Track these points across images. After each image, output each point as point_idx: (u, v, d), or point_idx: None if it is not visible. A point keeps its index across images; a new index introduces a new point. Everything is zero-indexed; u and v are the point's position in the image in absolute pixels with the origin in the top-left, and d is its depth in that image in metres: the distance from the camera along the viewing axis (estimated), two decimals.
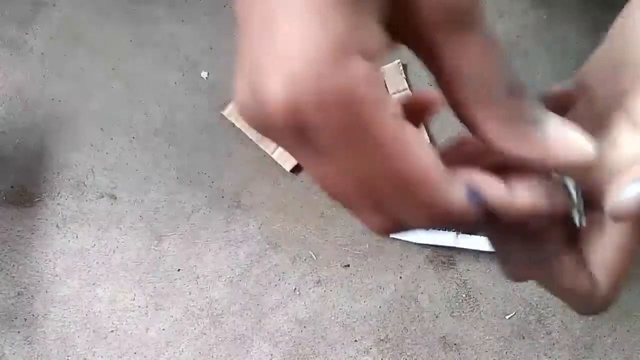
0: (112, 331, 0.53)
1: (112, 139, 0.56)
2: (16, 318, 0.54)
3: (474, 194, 0.18)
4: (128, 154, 0.56)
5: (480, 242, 0.53)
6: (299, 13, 0.14)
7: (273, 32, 0.15)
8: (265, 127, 0.15)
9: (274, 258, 0.54)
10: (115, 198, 0.55)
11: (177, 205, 0.55)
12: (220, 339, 0.53)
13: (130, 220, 0.55)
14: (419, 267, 0.53)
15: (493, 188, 0.18)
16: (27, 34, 0.57)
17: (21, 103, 0.56)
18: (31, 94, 0.57)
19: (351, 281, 0.54)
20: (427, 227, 0.19)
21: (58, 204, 0.55)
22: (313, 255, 0.54)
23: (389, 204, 0.18)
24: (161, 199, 0.55)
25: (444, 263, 0.53)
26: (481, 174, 0.19)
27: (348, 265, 0.54)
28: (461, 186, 0.18)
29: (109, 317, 0.54)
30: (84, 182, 0.55)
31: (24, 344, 0.53)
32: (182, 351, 0.53)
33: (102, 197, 0.55)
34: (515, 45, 0.55)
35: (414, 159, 0.16)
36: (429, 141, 0.16)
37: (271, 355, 0.53)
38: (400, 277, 0.53)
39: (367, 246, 0.54)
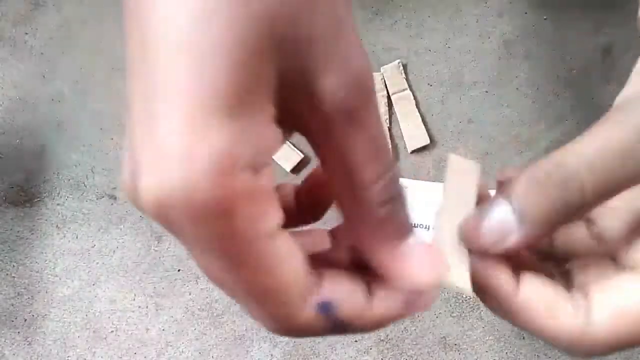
0: (112, 331, 0.53)
1: (112, 138, 0.56)
2: (16, 318, 0.54)
3: (326, 309, 0.18)
4: None
5: None
6: (181, 114, 0.13)
7: (153, 124, 0.14)
8: (141, 210, 0.15)
9: None
10: (115, 198, 0.55)
11: None
12: (220, 339, 0.53)
13: (130, 220, 0.55)
14: None
15: (350, 301, 0.18)
16: (26, 33, 0.57)
17: (20, 103, 0.56)
18: (30, 93, 0.57)
19: None
20: (286, 334, 0.19)
21: (58, 204, 0.55)
22: None
23: (251, 311, 0.18)
24: None
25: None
26: (344, 282, 0.18)
27: None
28: (316, 300, 0.18)
29: (109, 317, 0.54)
30: (84, 182, 0.55)
31: (24, 344, 0.53)
32: (182, 351, 0.53)
33: (102, 197, 0.55)
34: (515, 46, 0.55)
35: (274, 275, 0.16)
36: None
37: (271, 355, 0.53)
38: None
39: None
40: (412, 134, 0.54)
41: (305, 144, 0.55)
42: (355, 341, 0.53)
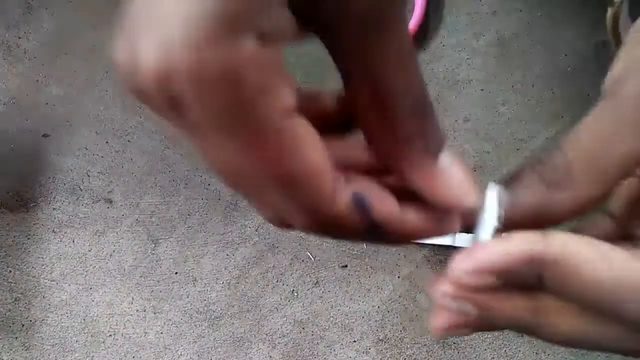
0: (110, 335, 0.53)
1: (107, 142, 0.56)
2: (13, 324, 0.54)
3: (360, 202, 0.17)
4: (123, 157, 0.55)
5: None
6: None
7: None
8: (139, 93, 0.14)
9: (271, 260, 0.54)
10: (111, 202, 0.55)
11: (173, 208, 0.55)
12: (218, 342, 0.53)
13: (126, 224, 0.55)
14: (417, 266, 0.53)
15: (384, 202, 0.17)
16: (19, 37, 0.57)
17: (15, 108, 0.56)
18: (25, 98, 0.56)
19: (349, 282, 0.53)
20: (311, 230, 0.17)
21: (54, 208, 0.55)
22: (311, 256, 0.54)
23: (271, 199, 0.16)
24: (157, 202, 0.55)
25: (442, 262, 0.53)
26: (376, 187, 0.17)
27: (346, 266, 0.54)
28: (348, 192, 0.16)
29: (106, 321, 0.54)
30: (79, 187, 0.55)
31: (22, 349, 0.53)
32: (181, 354, 0.53)
33: (98, 201, 0.55)
34: (511, 43, 0.55)
35: (298, 157, 0.15)
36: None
37: (270, 357, 0.53)
38: (398, 277, 0.53)
39: (365, 246, 0.54)
40: None
41: None
42: (354, 341, 0.53)
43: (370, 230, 0.18)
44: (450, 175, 0.18)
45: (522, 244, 0.18)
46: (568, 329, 0.18)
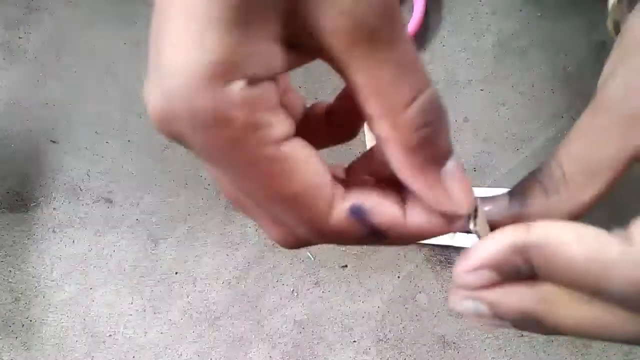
0: (110, 335, 0.53)
1: (107, 142, 0.56)
2: (14, 324, 0.54)
3: (358, 212, 0.18)
4: (123, 157, 0.55)
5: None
6: (184, 29, 0.14)
7: (162, 43, 0.15)
8: (156, 129, 0.16)
9: (271, 260, 0.54)
10: (111, 202, 0.55)
11: (173, 208, 0.55)
12: (218, 342, 0.53)
13: (126, 224, 0.55)
14: (417, 266, 0.53)
15: (383, 209, 0.18)
16: (20, 37, 0.57)
17: (15, 107, 0.56)
18: (25, 98, 0.56)
19: (349, 282, 0.53)
20: (317, 241, 0.19)
21: (54, 208, 0.55)
22: (311, 256, 0.54)
23: (280, 218, 0.18)
24: (157, 202, 0.55)
25: (442, 262, 0.53)
26: (376, 192, 0.18)
27: (346, 266, 0.54)
28: (347, 203, 0.18)
29: (106, 321, 0.54)
30: (79, 186, 0.55)
31: (22, 349, 0.53)
32: (181, 354, 0.53)
33: (98, 201, 0.55)
34: (510, 44, 0.55)
35: (290, 179, 0.16)
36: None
37: (270, 356, 0.53)
38: (399, 277, 0.53)
39: (365, 246, 0.54)
40: None
41: None
42: (354, 341, 0.53)
43: (373, 236, 0.18)
44: (449, 185, 0.18)
45: (507, 237, 0.19)
46: (570, 315, 0.19)
